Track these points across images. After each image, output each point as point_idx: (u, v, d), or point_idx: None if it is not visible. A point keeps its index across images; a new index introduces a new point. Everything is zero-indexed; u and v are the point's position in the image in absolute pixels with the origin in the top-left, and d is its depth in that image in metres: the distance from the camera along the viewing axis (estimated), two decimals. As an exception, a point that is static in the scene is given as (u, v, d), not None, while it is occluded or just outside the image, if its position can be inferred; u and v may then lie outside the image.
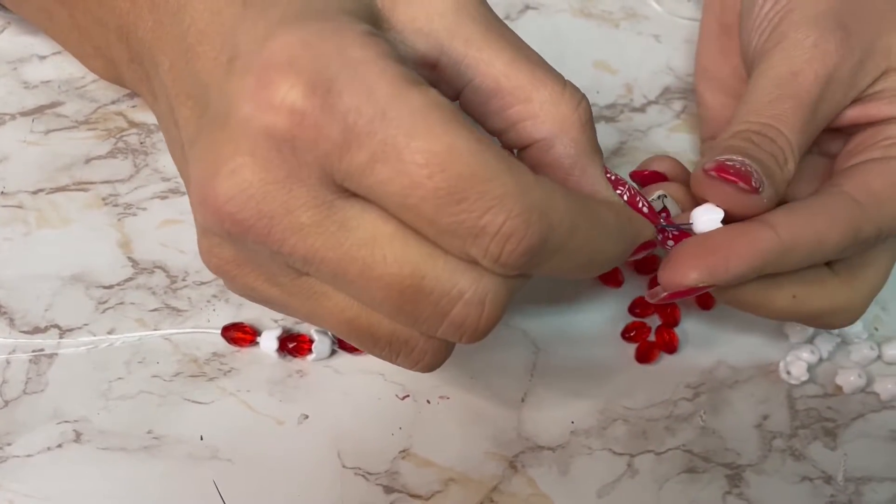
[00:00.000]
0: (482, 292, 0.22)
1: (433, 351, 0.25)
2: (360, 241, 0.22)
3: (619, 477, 0.33)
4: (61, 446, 0.31)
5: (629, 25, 0.43)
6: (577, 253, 0.23)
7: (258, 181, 0.21)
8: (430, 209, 0.20)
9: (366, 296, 0.23)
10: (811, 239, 0.28)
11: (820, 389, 0.35)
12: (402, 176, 0.20)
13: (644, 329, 0.35)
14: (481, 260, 0.22)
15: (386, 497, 0.31)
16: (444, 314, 0.22)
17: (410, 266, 0.22)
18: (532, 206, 0.21)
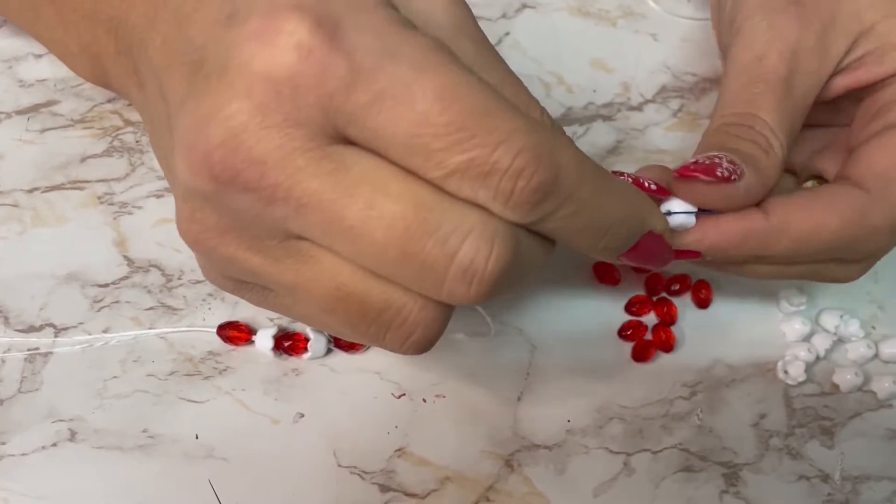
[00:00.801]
0: (492, 230, 0.21)
1: (425, 323, 0.23)
2: (359, 179, 0.20)
3: (615, 476, 0.33)
4: (56, 445, 0.31)
5: (626, 24, 0.43)
6: (586, 208, 0.22)
7: (254, 125, 0.20)
8: (440, 146, 0.20)
9: (365, 242, 0.21)
10: (805, 225, 0.28)
11: (817, 388, 0.35)
12: (411, 112, 0.20)
13: (641, 328, 0.35)
14: (492, 202, 0.21)
15: (382, 496, 0.31)
16: (451, 254, 0.21)
17: (415, 200, 0.20)
18: (542, 142, 0.21)
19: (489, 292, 0.21)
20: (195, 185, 0.21)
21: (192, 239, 0.23)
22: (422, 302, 0.22)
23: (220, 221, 0.22)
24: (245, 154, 0.20)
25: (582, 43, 0.42)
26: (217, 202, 0.22)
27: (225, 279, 0.25)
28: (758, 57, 0.30)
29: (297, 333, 0.33)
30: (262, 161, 0.20)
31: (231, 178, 0.21)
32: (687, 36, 0.43)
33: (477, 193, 0.21)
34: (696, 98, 0.41)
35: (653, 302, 0.36)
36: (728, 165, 0.27)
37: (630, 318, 0.35)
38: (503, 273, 0.21)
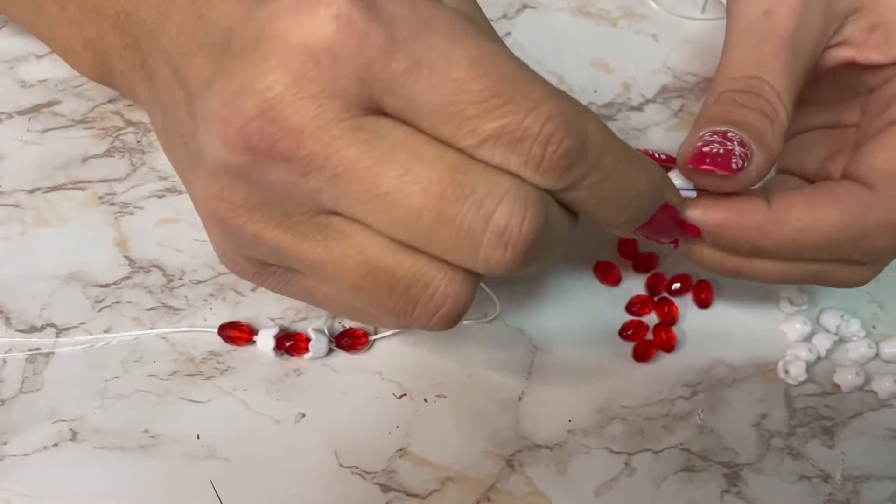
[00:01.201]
0: (524, 194, 0.21)
1: (455, 296, 0.23)
2: (394, 147, 0.21)
3: (616, 476, 0.33)
4: (57, 445, 0.31)
5: (627, 24, 0.43)
6: (611, 177, 0.23)
7: (290, 96, 0.20)
8: (475, 112, 0.20)
9: (401, 208, 0.21)
10: (805, 216, 0.27)
11: (818, 388, 0.35)
12: (447, 80, 0.20)
13: (642, 328, 0.35)
14: (523, 168, 0.21)
15: (383, 496, 0.31)
16: (487, 217, 0.21)
17: (450, 165, 0.21)
18: (569, 110, 0.21)
19: (524, 258, 0.22)
20: (229, 160, 0.21)
21: (220, 218, 0.23)
22: (451, 274, 0.22)
23: (250, 198, 0.22)
24: (282, 124, 0.21)
25: (583, 43, 0.42)
26: (249, 177, 0.22)
27: (246, 263, 0.25)
28: (765, 11, 0.29)
29: (298, 333, 0.33)
30: (300, 131, 0.21)
31: (268, 148, 0.21)
32: (688, 36, 0.43)
33: (509, 160, 0.21)
34: (697, 98, 0.41)
35: (654, 302, 0.36)
36: (740, 150, 0.27)
37: (631, 318, 0.35)
38: (537, 238, 0.22)
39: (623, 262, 0.36)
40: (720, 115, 0.28)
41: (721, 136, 0.27)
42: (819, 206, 0.28)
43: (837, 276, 0.30)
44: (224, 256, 0.26)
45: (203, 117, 0.22)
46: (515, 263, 0.22)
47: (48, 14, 0.31)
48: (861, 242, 0.28)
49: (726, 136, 0.27)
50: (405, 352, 0.34)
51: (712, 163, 0.27)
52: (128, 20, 0.27)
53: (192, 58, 0.24)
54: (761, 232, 0.28)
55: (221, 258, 0.26)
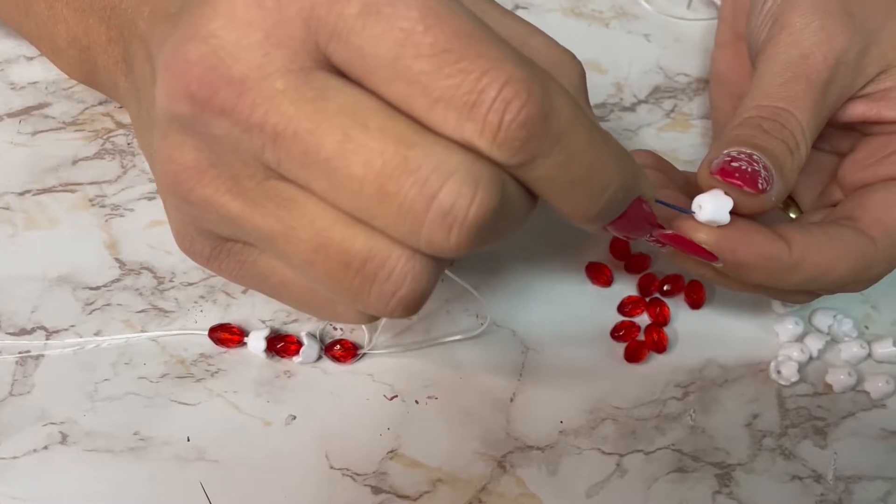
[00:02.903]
0: (476, 173, 0.19)
1: (413, 276, 0.21)
2: (339, 109, 0.19)
3: (608, 476, 0.32)
4: (47, 448, 0.31)
5: (619, 25, 0.43)
6: (578, 158, 0.20)
7: (233, 43, 0.19)
8: (424, 68, 0.19)
9: (341, 176, 0.20)
10: (818, 265, 0.28)
11: (810, 388, 0.35)
12: (395, 30, 0.19)
13: (633, 328, 0.35)
14: (479, 137, 0.19)
15: (374, 498, 0.31)
16: (430, 196, 0.19)
17: (395, 136, 0.19)
18: (533, 76, 0.19)
19: (470, 242, 0.20)
20: (173, 108, 0.21)
21: (171, 181, 0.22)
22: (409, 252, 0.21)
23: (199, 158, 0.21)
24: (223, 72, 0.20)
25: (575, 43, 0.41)
26: (195, 130, 0.21)
27: (202, 239, 0.24)
28: (803, 55, 0.29)
29: (288, 335, 0.33)
30: (241, 80, 0.20)
31: (208, 96, 0.20)
32: (680, 37, 0.43)
33: (463, 127, 0.19)
34: (689, 98, 0.41)
35: (645, 302, 0.35)
36: (766, 174, 0.27)
37: (623, 319, 0.35)
38: (486, 221, 0.20)
39: (615, 263, 0.36)
40: (747, 137, 0.28)
41: (747, 157, 0.27)
42: (831, 258, 0.28)
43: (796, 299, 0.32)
44: (180, 235, 0.25)
45: (157, 72, 0.21)
46: (461, 247, 0.20)
47: (36, 12, 0.31)
48: (844, 287, 0.30)
49: (752, 157, 0.27)
50: (396, 353, 0.34)
51: (741, 178, 0.27)
52: (113, 13, 0.28)
53: (156, 30, 0.23)
54: (777, 277, 0.28)
55: (178, 239, 0.25)
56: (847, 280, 0.29)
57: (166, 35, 0.22)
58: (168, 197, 0.23)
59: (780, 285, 0.29)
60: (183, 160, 0.22)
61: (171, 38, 0.21)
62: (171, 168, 0.22)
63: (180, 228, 0.24)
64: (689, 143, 0.40)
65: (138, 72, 0.26)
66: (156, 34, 0.24)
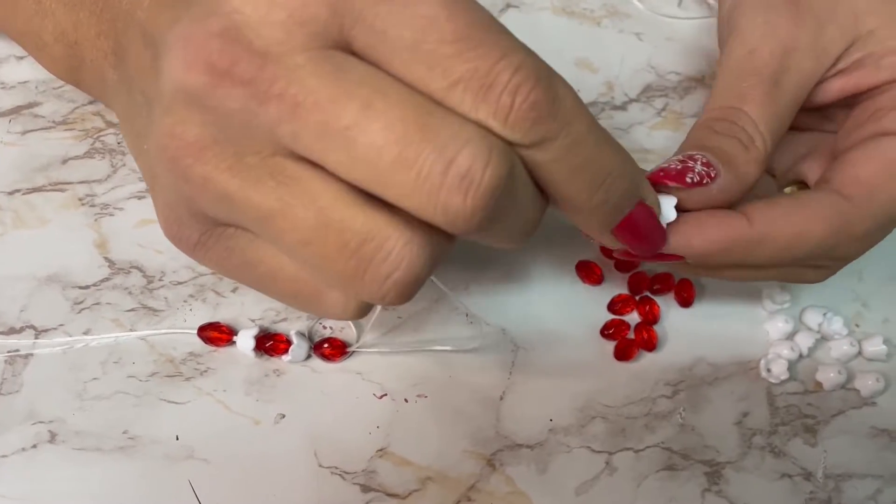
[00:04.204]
0: (490, 142, 0.20)
1: (409, 260, 0.21)
2: (359, 80, 0.20)
3: (597, 475, 0.32)
4: (36, 447, 0.31)
5: (611, 23, 0.43)
6: (582, 143, 0.22)
7: (256, 19, 0.20)
8: (446, 53, 0.20)
9: (360, 145, 0.20)
10: (788, 233, 0.28)
11: (800, 386, 0.35)
12: (419, 16, 0.20)
13: (623, 327, 0.35)
14: (492, 118, 0.20)
15: (363, 496, 0.31)
16: (449, 160, 0.20)
17: (415, 104, 0.20)
18: (540, 65, 0.21)
19: (485, 207, 0.20)
20: (187, 80, 0.21)
21: (170, 156, 0.22)
22: (408, 236, 0.21)
23: (203, 134, 0.21)
24: (246, 45, 0.20)
25: (566, 42, 0.42)
26: (206, 103, 0.21)
27: (192, 222, 0.24)
28: (749, 51, 0.30)
29: (278, 334, 0.33)
30: (263, 53, 0.20)
31: (228, 67, 0.20)
32: (671, 35, 0.43)
33: (478, 108, 0.20)
34: (680, 97, 0.41)
35: (635, 301, 0.35)
36: (701, 168, 0.27)
37: (613, 317, 0.35)
38: (499, 187, 0.20)
39: (605, 262, 0.36)
40: (696, 140, 0.29)
41: (688, 157, 0.28)
42: (803, 223, 0.28)
43: (804, 275, 0.31)
44: (168, 220, 0.24)
45: (165, 49, 0.22)
46: (476, 213, 0.20)
47: (23, 7, 0.31)
48: (834, 251, 0.29)
49: (692, 157, 0.28)
50: (386, 352, 0.34)
51: (666, 176, 0.27)
52: (106, 5, 0.28)
53: (160, 16, 0.23)
54: (746, 254, 0.28)
55: (165, 224, 0.25)
56: (831, 243, 0.28)
57: (178, 16, 0.22)
58: (163, 175, 0.23)
59: (754, 261, 0.29)
60: (185, 136, 0.22)
61: (187, 15, 0.21)
62: (171, 143, 0.22)
63: (169, 212, 0.24)
64: (681, 142, 0.40)
65: (133, 61, 0.25)
66: (162, 20, 0.23)
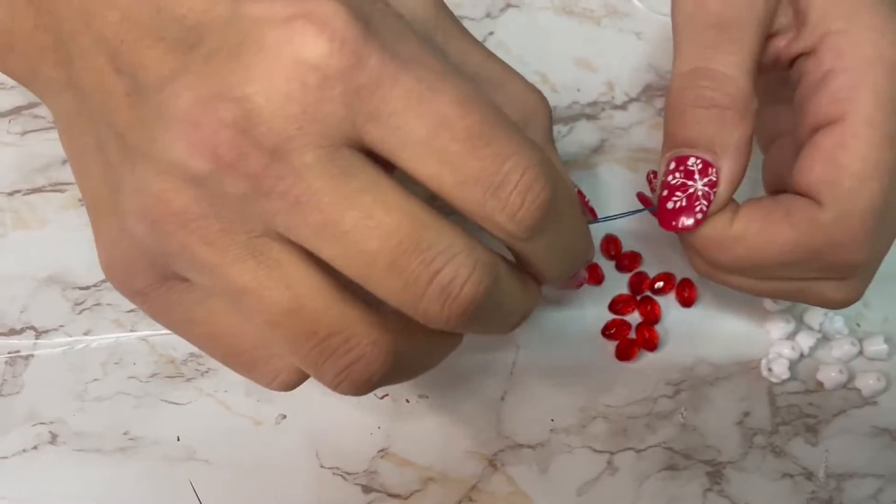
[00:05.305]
0: (474, 258, 0.21)
1: (370, 359, 0.22)
2: (362, 186, 0.20)
3: (598, 475, 0.32)
4: (37, 448, 0.31)
5: (611, 23, 0.43)
6: (568, 230, 0.23)
7: (268, 112, 0.20)
8: (458, 150, 0.20)
9: (357, 249, 0.20)
10: (760, 234, 0.27)
11: (801, 385, 0.35)
12: (434, 115, 0.20)
13: (624, 326, 0.35)
14: (499, 212, 0.21)
15: (364, 497, 0.31)
16: (434, 273, 0.21)
17: (412, 217, 0.21)
18: (544, 161, 0.21)
19: (462, 315, 0.21)
20: (190, 164, 0.20)
21: (151, 220, 0.21)
22: (375, 336, 0.22)
23: (193, 207, 0.21)
24: (255, 139, 0.20)
25: (566, 42, 0.42)
26: (204, 185, 0.21)
27: (144, 273, 0.23)
28: (698, 3, 0.28)
29: (279, 334, 0.33)
30: (271, 150, 0.20)
31: (234, 160, 0.20)
32: (671, 35, 0.43)
33: (486, 203, 0.21)
34: (681, 96, 0.41)
35: (636, 301, 0.35)
36: (703, 188, 0.27)
37: (614, 317, 0.35)
38: (476, 300, 0.21)
39: (606, 261, 0.36)
40: (678, 136, 0.28)
41: (683, 167, 0.27)
42: (772, 225, 0.27)
43: (822, 292, 0.29)
44: (115, 263, 0.24)
45: (159, 117, 0.21)
46: (454, 319, 0.21)
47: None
48: (819, 258, 0.27)
49: (687, 167, 0.27)
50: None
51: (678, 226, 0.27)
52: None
53: (143, 49, 0.22)
54: (718, 247, 0.28)
55: (109, 265, 0.24)
56: (803, 249, 0.27)
57: (171, 71, 0.21)
58: (135, 226, 0.22)
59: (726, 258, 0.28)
60: (173, 204, 0.21)
61: (191, 86, 0.20)
62: (157, 208, 0.21)
63: (119, 255, 0.24)
64: (681, 141, 0.40)
65: (88, 73, 0.24)
66: (145, 58, 0.22)
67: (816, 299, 0.30)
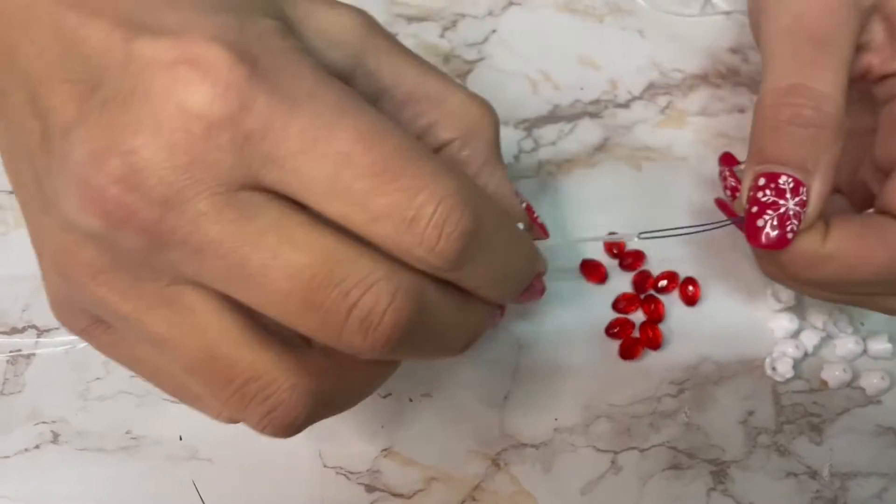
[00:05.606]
0: (395, 284, 0.20)
1: (290, 404, 0.22)
2: (265, 227, 0.20)
3: (602, 474, 0.32)
4: (39, 447, 0.31)
5: (613, 21, 0.43)
6: (498, 255, 0.23)
7: (156, 164, 0.19)
8: (364, 188, 0.20)
9: (266, 291, 0.20)
10: (853, 255, 0.27)
11: (805, 384, 0.35)
12: (334, 154, 0.19)
13: (628, 325, 0.35)
14: (416, 247, 0.20)
15: (367, 496, 0.31)
16: (352, 304, 0.20)
17: (322, 251, 0.20)
18: (463, 188, 0.21)
19: (388, 344, 0.21)
20: (81, 222, 0.20)
21: (63, 272, 0.21)
22: (293, 380, 0.21)
23: (99, 259, 0.21)
24: (144, 193, 0.19)
25: (569, 40, 0.42)
26: (103, 241, 0.20)
27: (82, 315, 0.23)
28: (796, 16, 0.27)
29: (281, 333, 0.33)
30: (163, 202, 0.19)
31: (125, 217, 0.19)
32: (674, 33, 0.42)
33: (401, 240, 0.20)
34: (684, 95, 0.41)
35: (640, 300, 0.35)
36: (794, 209, 0.26)
37: (617, 316, 0.35)
38: (402, 327, 0.21)
39: (609, 260, 0.36)
40: (769, 152, 0.27)
41: (774, 185, 0.27)
42: (866, 247, 0.27)
43: (887, 304, 0.30)
44: (57, 304, 0.24)
45: (61, 169, 0.20)
46: (378, 347, 0.21)
47: None
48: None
49: (779, 185, 0.26)
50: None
51: (768, 244, 0.27)
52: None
53: (53, 91, 0.21)
54: (809, 266, 0.27)
55: (53, 300, 0.24)
56: (888, 272, 0.27)
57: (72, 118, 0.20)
58: (53, 276, 0.22)
59: (816, 276, 0.28)
60: (80, 257, 0.21)
61: (85, 139, 0.20)
62: (65, 260, 0.21)
63: (58, 296, 0.24)
64: (684, 140, 0.40)
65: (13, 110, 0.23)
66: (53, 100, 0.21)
67: (883, 309, 0.30)
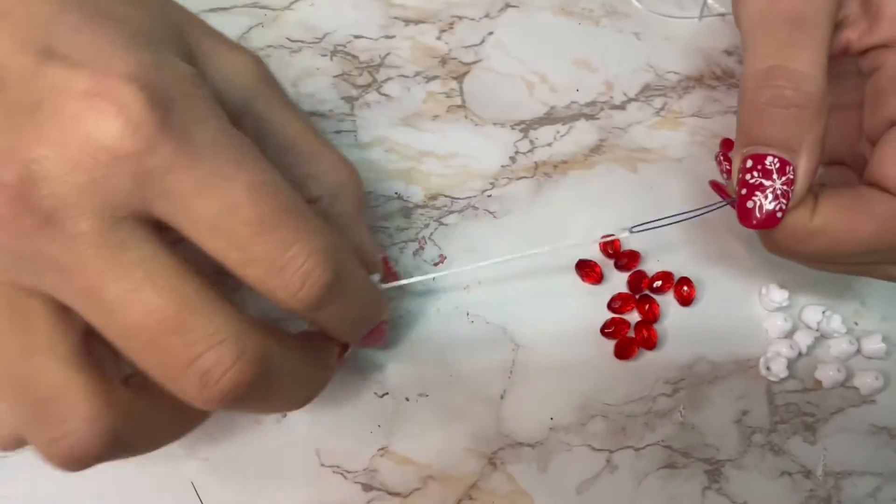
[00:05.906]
0: (241, 346, 0.22)
1: (81, 436, 0.21)
2: (135, 260, 0.21)
3: (598, 473, 0.33)
4: (37, 447, 0.31)
5: (610, 23, 0.43)
6: (350, 303, 0.25)
7: (54, 177, 0.20)
8: (246, 233, 0.21)
9: (118, 320, 0.21)
10: (841, 227, 0.28)
11: (799, 384, 0.35)
12: (225, 201, 0.21)
13: (623, 325, 0.35)
14: (281, 290, 0.22)
15: (364, 495, 0.31)
16: (193, 357, 0.21)
17: (179, 299, 0.21)
18: (330, 245, 0.23)
19: (222, 400, 0.22)
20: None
21: None
22: (94, 411, 0.21)
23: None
24: (35, 202, 0.20)
25: (565, 42, 0.42)
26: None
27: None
28: (770, 1, 0.28)
29: (279, 333, 0.33)
30: (48, 213, 0.20)
31: (9, 219, 0.20)
32: (670, 35, 0.43)
33: (268, 282, 0.22)
34: (679, 96, 0.41)
35: (636, 300, 0.36)
36: (781, 187, 0.27)
37: (613, 316, 0.35)
38: (240, 388, 0.22)
39: (605, 260, 0.36)
40: (754, 134, 0.28)
41: (761, 166, 0.27)
42: (853, 219, 0.28)
43: (887, 273, 0.30)
44: None
45: None
46: (212, 403, 0.22)
47: None
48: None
49: (765, 166, 0.27)
50: (386, 350, 0.34)
51: (759, 224, 0.28)
52: None
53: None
54: (799, 241, 0.28)
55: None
56: (883, 241, 0.27)
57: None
58: None
59: (806, 249, 0.28)
60: None
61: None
62: None
63: None
64: (680, 141, 0.40)
65: None
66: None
67: (885, 276, 0.31)
